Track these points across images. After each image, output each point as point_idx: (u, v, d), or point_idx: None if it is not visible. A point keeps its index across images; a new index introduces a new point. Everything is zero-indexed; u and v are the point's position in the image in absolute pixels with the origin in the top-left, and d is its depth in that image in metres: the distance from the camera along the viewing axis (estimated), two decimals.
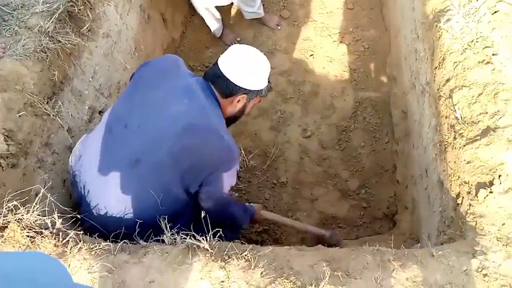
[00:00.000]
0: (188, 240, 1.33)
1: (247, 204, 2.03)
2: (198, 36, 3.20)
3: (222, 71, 1.54)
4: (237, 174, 1.67)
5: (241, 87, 1.55)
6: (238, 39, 3.17)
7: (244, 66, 1.55)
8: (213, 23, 3.02)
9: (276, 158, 2.77)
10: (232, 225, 1.81)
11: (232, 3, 3.00)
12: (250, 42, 3.17)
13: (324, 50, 3.09)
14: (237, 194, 2.59)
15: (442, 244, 1.60)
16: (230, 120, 1.68)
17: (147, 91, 1.54)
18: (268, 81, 1.66)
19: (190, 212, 1.56)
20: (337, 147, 2.78)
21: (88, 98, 1.91)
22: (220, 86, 1.55)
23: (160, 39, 2.72)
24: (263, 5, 3.22)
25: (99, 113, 2.00)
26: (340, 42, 3.09)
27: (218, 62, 1.58)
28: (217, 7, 2.91)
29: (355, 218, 2.57)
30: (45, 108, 1.60)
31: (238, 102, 1.60)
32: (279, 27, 3.18)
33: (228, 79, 1.54)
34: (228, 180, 1.58)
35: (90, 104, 1.93)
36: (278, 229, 2.54)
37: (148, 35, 2.51)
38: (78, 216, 1.49)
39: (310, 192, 2.65)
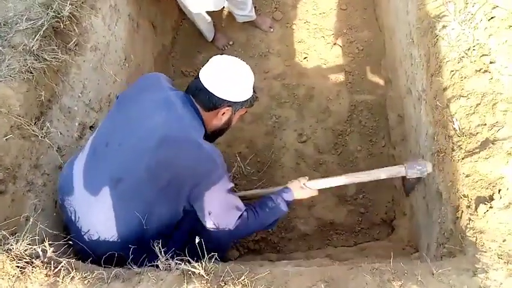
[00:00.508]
0: (183, 266, 1.30)
1: (280, 189, 1.80)
2: (189, 41, 3.15)
3: (204, 84, 1.49)
4: (231, 185, 1.55)
5: (225, 100, 1.51)
6: (230, 42, 3.12)
7: (227, 77, 1.50)
8: (205, 27, 2.97)
9: (272, 163, 2.74)
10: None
11: (223, 7, 2.95)
12: (242, 45, 3.12)
13: (318, 52, 3.05)
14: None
15: (441, 257, 1.58)
16: (216, 134, 1.64)
17: (127, 109, 1.52)
18: (254, 91, 1.62)
19: (181, 234, 1.52)
20: (333, 151, 2.76)
21: (78, 114, 1.86)
22: (202, 99, 1.51)
23: (150, 47, 2.67)
24: (255, 7, 3.16)
25: (90, 128, 1.95)
26: (334, 44, 3.05)
27: (199, 74, 1.53)
28: (208, 12, 2.85)
29: (353, 223, 2.55)
30: (32, 130, 1.56)
31: (223, 115, 1.55)
32: (272, 30, 3.14)
33: (210, 92, 1.49)
34: (219, 194, 1.48)
35: (80, 120, 1.88)
36: (276, 237, 2.52)
37: (138, 44, 2.45)
38: (70, 242, 1.45)
39: (307, 198, 2.61)
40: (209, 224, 1.52)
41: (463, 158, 1.52)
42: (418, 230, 2.07)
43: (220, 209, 1.52)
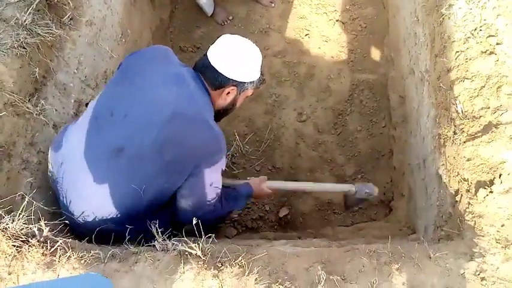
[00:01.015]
0: (180, 246, 1.30)
1: (242, 184, 1.90)
2: (188, 15, 3.07)
3: (211, 61, 1.49)
4: (225, 168, 1.57)
5: (231, 79, 1.50)
6: (230, 17, 3.04)
7: (234, 57, 1.49)
8: (204, 2, 2.88)
9: (271, 143, 2.72)
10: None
11: None
12: (242, 20, 3.04)
13: (320, 29, 2.97)
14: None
15: (439, 240, 1.58)
16: (220, 114, 1.63)
17: (134, 78, 1.48)
18: (261, 73, 1.60)
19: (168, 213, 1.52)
20: (333, 131, 2.73)
21: (73, 91, 1.83)
22: (209, 77, 1.50)
23: (148, 21, 2.60)
24: None
25: (86, 105, 1.92)
26: (337, 20, 2.97)
27: (207, 52, 1.52)
28: None
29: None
30: (27, 107, 1.53)
31: (228, 94, 1.54)
32: (273, 5, 3.05)
33: (216, 70, 1.49)
34: (211, 176, 1.49)
35: (76, 96, 1.84)
36: (274, 216, 2.52)
37: (135, 18, 2.38)
38: (66, 221, 1.44)
39: (306, 177, 2.61)
40: (185, 204, 1.51)
41: (464, 142, 1.50)
42: (416, 212, 2.07)
43: (209, 191, 1.53)
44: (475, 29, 1.61)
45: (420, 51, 1.98)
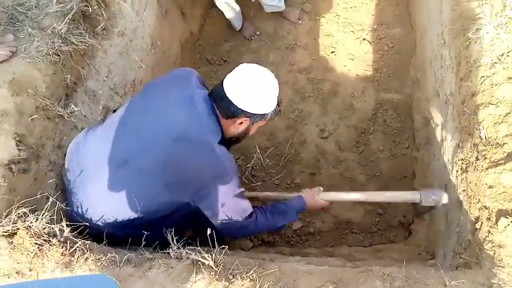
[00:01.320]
0: (193, 255, 1.32)
1: (294, 197, 1.84)
2: (217, 29, 3.14)
3: (226, 92, 1.47)
4: (240, 190, 1.56)
5: (244, 110, 1.48)
6: (257, 32, 3.10)
7: (249, 89, 1.46)
8: (233, 16, 2.95)
9: (291, 157, 2.72)
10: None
11: None
12: (269, 36, 3.09)
13: (346, 47, 2.98)
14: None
15: (456, 268, 1.54)
16: (232, 141, 1.63)
17: (152, 96, 1.54)
18: (278, 104, 1.57)
19: (178, 216, 1.55)
20: (354, 149, 2.71)
21: (102, 98, 1.90)
22: (222, 106, 1.49)
23: (178, 33, 2.68)
24: None
25: (113, 112, 1.99)
26: (363, 39, 2.97)
27: (224, 81, 1.51)
28: (236, 0, 2.83)
29: (369, 224, 2.52)
30: (58, 111, 1.60)
31: (240, 124, 1.53)
32: (300, 22, 3.09)
33: (230, 101, 1.47)
34: (221, 198, 1.49)
35: (104, 103, 1.92)
36: (290, 231, 2.51)
37: (165, 30, 2.46)
38: (87, 224, 1.49)
39: None
40: (215, 223, 1.55)
41: (487, 169, 1.47)
42: (436, 237, 2.02)
43: (226, 212, 1.53)
44: (502, 55, 1.58)
45: (446, 74, 1.95)
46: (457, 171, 1.73)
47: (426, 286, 1.32)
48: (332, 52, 2.98)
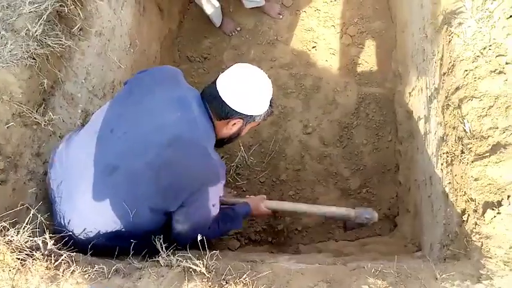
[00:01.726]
0: (184, 263, 1.29)
1: (239, 204, 1.91)
2: (196, 25, 3.08)
3: (219, 92, 1.45)
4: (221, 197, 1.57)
5: (238, 112, 1.47)
6: (238, 28, 3.05)
7: (244, 90, 1.45)
8: (212, 12, 2.90)
9: (276, 154, 2.71)
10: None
11: None
12: (250, 31, 3.05)
13: (327, 42, 2.98)
14: (235, 192, 2.55)
15: (445, 259, 1.57)
16: (224, 142, 1.61)
17: (140, 98, 1.48)
18: (270, 105, 1.56)
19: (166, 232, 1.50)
20: (338, 144, 2.72)
21: (81, 101, 1.83)
22: (215, 107, 1.47)
23: (157, 31, 2.61)
24: None
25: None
26: (344, 33, 2.97)
27: (217, 81, 1.48)
28: None
29: None
30: (35, 117, 1.53)
31: (233, 125, 1.51)
32: (281, 16, 3.06)
33: (224, 102, 1.45)
34: (206, 204, 1.48)
35: (83, 106, 1.85)
36: (278, 226, 2.50)
37: (144, 28, 2.40)
38: (71, 234, 1.43)
39: (311, 191, 2.61)
40: (181, 228, 1.49)
41: (472, 161, 1.49)
42: (422, 229, 2.05)
43: (200, 219, 1.51)
44: (484, 48, 1.60)
45: (428, 68, 1.97)
46: (441, 164, 1.75)
47: (417, 280, 1.34)
48: (313, 47, 2.97)
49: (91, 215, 1.41)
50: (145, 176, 1.37)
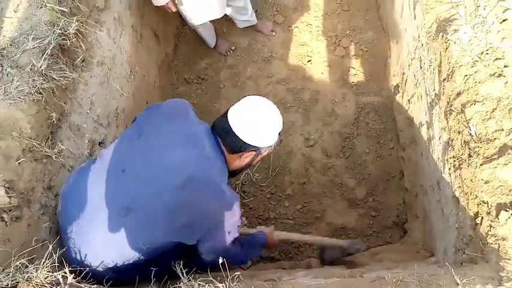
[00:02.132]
0: (207, 287, 1.28)
1: (255, 233, 1.96)
2: (191, 47, 3.12)
3: (232, 127, 1.44)
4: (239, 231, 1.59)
5: (251, 145, 1.46)
6: (232, 48, 3.09)
7: (257, 123, 1.44)
8: (206, 34, 2.94)
9: (280, 169, 2.72)
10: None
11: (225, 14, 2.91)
12: (245, 50, 3.09)
13: (322, 55, 3.03)
14: (246, 222, 2.54)
15: (461, 264, 1.57)
16: (236, 173, 1.60)
17: (150, 136, 1.46)
18: (279, 133, 1.56)
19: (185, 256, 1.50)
20: (341, 155, 2.74)
21: (87, 131, 1.84)
22: (228, 142, 1.46)
23: (154, 56, 2.64)
24: (256, 11, 3.14)
25: (99, 145, 1.93)
26: (338, 46, 3.02)
27: (228, 115, 1.47)
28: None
29: (364, 227, 2.55)
30: (45, 151, 1.53)
31: (246, 158, 1.51)
32: (274, 33, 3.11)
33: (237, 136, 1.44)
34: (228, 230, 1.48)
35: (90, 136, 1.85)
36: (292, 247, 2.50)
37: (142, 54, 2.42)
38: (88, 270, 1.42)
39: (318, 203, 2.61)
40: (207, 258, 1.50)
41: (481, 164, 1.51)
42: (432, 234, 2.06)
43: (222, 249, 1.51)
44: (482, 53, 1.64)
45: (426, 75, 2.01)
46: (449, 168, 1.77)
47: (439, 287, 1.34)
48: (308, 61, 3.01)
49: (106, 251, 1.40)
50: (160, 217, 1.36)
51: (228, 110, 1.49)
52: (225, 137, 1.46)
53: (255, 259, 2.44)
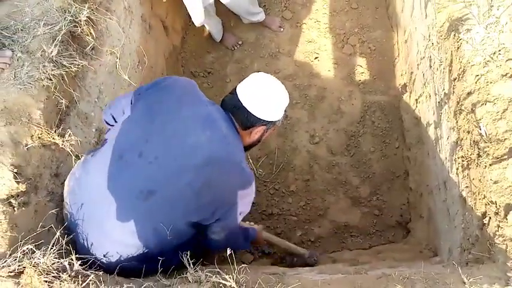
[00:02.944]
0: (214, 278, 1.28)
1: (249, 227, 1.99)
2: (198, 40, 3.11)
3: (243, 102, 1.48)
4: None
5: (262, 119, 1.50)
6: (239, 42, 3.08)
7: (265, 97, 1.49)
8: (213, 28, 2.93)
9: (284, 166, 2.72)
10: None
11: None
12: (252, 45, 3.08)
13: (329, 52, 3.02)
14: None
15: (467, 263, 1.57)
16: (246, 149, 1.63)
17: (165, 118, 1.45)
18: (285, 110, 1.60)
19: (193, 245, 1.51)
20: (346, 153, 2.74)
21: (94, 120, 1.83)
22: (241, 118, 1.50)
23: (162, 48, 2.63)
24: (264, 5, 3.13)
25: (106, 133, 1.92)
26: (346, 43, 3.02)
27: (237, 91, 1.51)
28: (217, 12, 2.80)
29: (367, 226, 2.54)
30: (53, 138, 1.52)
31: (256, 133, 1.55)
32: (282, 29, 3.10)
33: (248, 111, 1.48)
34: (243, 210, 1.53)
35: (97, 125, 1.85)
36: (291, 241, 2.50)
37: (150, 45, 2.41)
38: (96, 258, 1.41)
39: (321, 200, 2.61)
40: (218, 236, 1.52)
41: (490, 165, 1.50)
42: (437, 234, 2.06)
43: (235, 226, 1.57)
44: (494, 53, 1.64)
45: (436, 75, 2.00)
46: (457, 168, 1.76)
47: (446, 285, 1.34)
48: (316, 58, 3.00)
49: (119, 237, 1.39)
50: (185, 197, 1.38)
51: (235, 87, 1.53)
52: (237, 114, 1.50)
53: (257, 254, 2.45)
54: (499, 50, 1.64)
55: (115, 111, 1.61)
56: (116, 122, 1.61)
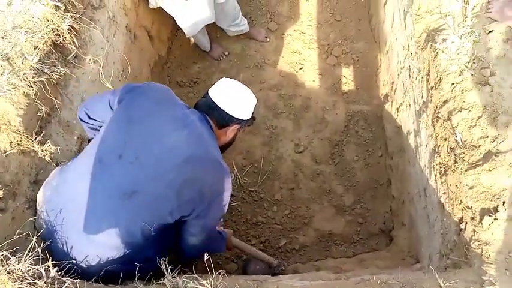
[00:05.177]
0: (191, 284, 1.28)
1: (221, 230, 2.00)
2: (184, 51, 3.13)
3: (217, 103, 1.59)
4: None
5: (236, 118, 1.61)
6: (226, 53, 3.11)
7: (236, 97, 1.62)
8: (200, 39, 2.96)
9: (269, 174, 2.73)
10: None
11: None
12: (238, 56, 3.12)
13: (313, 63, 3.06)
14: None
15: (445, 269, 1.59)
16: (222, 149, 1.70)
17: (142, 121, 1.49)
18: (252, 112, 1.73)
19: (176, 244, 1.56)
20: (330, 161, 2.76)
21: (76, 128, 1.83)
22: (216, 116, 1.60)
23: (147, 57, 2.64)
24: (250, 17, 3.18)
25: (89, 142, 1.92)
26: (330, 54, 3.06)
27: (210, 94, 1.62)
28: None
29: (351, 234, 2.55)
30: (32, 145, 1.52)
31: (231, 132, 1.66)
32: (268, 39, 3.14)
33: (222, 110, 1.59)
34: (221, 208, 1.57)
35: (79, 133, 1.84)
36: (275, 250, 2.50)
37: (135, 55, 2.43)
38: (75, 264, 1.40)
39: (306, 209, 2.62)
40: (195, 241, 1.57)
41: (466, 170, 1.54)
42: (418, 241, 2.08)
43: (213, 225, 1.64)
44: (469, 62, 1.68)
45: (415, 84, 2.04)
46: (435, 175, 1.79)
47: None
48: (300, 68, 3.04)
49: (100, 238, 1.39)
50: (166, 195, 1.41)
51: (207, 91, 1.64)
52: (212, 114, 1.60)
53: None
54: (474, 59, 1.69)
55: (91, 108, 1.64)
56: (90, 119, 1.65)
